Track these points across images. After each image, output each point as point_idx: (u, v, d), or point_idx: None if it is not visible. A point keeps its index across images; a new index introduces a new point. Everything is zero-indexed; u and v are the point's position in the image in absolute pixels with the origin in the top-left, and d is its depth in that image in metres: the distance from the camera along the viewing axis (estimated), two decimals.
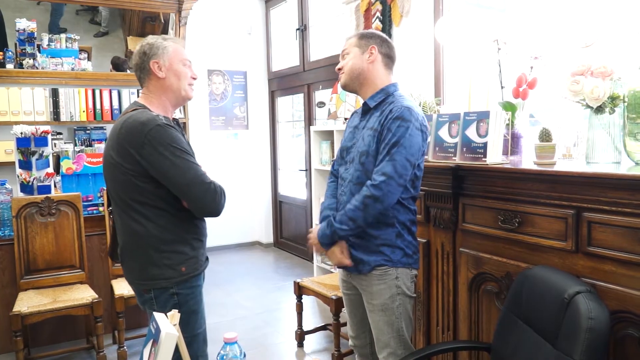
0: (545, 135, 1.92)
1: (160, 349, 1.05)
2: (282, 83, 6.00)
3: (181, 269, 1.79)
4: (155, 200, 1.74)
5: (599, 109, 1.81)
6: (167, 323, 1.11)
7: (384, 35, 1.99)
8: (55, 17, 6.98)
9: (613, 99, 1.77)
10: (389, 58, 1.96)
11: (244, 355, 1.17)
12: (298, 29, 5.51)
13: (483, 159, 1.97)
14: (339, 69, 1.98)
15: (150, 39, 1.85)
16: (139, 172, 1.71)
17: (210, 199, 1.74)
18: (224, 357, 1.15)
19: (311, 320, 3.80)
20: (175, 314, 1.14)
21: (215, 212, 1.78)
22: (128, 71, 5.46)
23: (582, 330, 1.39)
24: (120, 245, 1.86)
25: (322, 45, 5.24)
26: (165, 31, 6.61)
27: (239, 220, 6.16)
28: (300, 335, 3.37)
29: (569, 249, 1.71)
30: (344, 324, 2.86)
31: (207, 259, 1.93)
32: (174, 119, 1.91)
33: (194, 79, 1.90)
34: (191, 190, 1.72)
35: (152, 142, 1.67)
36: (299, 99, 5.78)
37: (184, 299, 1.80)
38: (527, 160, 2.10)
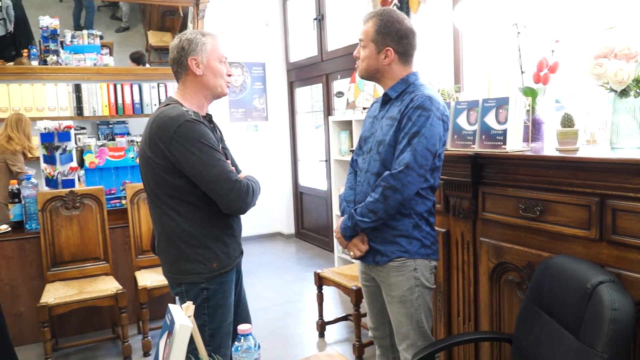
0: (567, 121, 1.87)
1: (175, 341, 1.06)
2: (300, 74, 5.98)
3: (212, 265, 1.80)
4: (185, 195, 1.75)
5: (624, 93, 1.74)
6: (182, 315, 1.11)
7: (402, 28, 1.85)
8: (90, 14, 7.13)
9: (638, 81, 1.71)
10: (407, 55, 1.89)
11: (259, 347, 1.17)
12: (315, 19, 5.48)
13: (503, 147, 1.92)
14: (357, 56, 1.94)
15: (189, 34, 1.83)
16: (168, 167, 1.72)
17: (236, 197, 1.73)
18: (239, 348, 1.15)
19: (332, 310, 3.80)
20: (189, 306, 1.14)
21: (241, 209, 1.79)
22: (148, 65, 5.51)
23: (605, 321, 1.35)
24: (156, 238, 1.88)
25: (340, 35, 5.19)
26: (184, 25, 6.67)
27: (260, 212, 6.17)
28: (321, 326, 3.38)
29: (593, 238, 1.67)
30: (365, 315, 2.85)
31: (241, 252, 1.93)
32: (207, 114, 1.91)
33: (230, 75, 1.90)
34: (217, 186, 1.71)
35: (180, 138, 1.67)
36: (317, 89, 5.76)
37: (212, 293, 1.81)
38: (549, 147, 2.04)
